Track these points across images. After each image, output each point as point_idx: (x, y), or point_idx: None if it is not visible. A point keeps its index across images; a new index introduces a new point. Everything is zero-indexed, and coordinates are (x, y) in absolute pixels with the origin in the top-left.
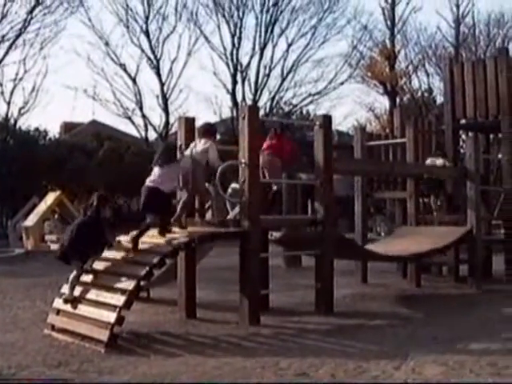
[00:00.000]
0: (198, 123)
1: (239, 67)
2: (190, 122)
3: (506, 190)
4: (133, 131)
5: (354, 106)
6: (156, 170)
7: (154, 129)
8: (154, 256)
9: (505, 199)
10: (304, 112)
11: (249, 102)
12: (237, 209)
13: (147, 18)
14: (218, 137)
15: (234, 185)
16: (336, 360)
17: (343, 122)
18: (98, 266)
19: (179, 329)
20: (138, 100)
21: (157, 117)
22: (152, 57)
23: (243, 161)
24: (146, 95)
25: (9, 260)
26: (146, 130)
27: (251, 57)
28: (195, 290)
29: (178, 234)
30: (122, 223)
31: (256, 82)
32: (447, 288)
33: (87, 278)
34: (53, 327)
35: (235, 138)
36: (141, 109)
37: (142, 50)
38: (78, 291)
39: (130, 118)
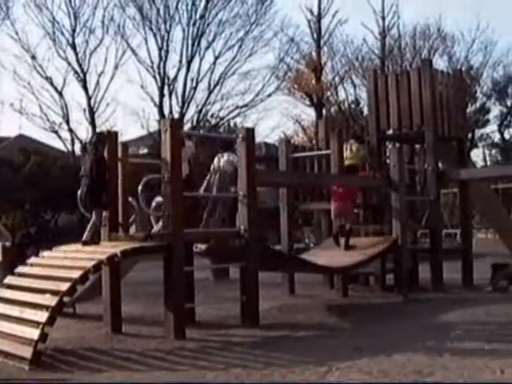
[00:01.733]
0: (125, 137)
1: (166, 80)
2: (113, 136)
3: (431, 199)
4: (60, 145)
5: (281, 118)
6: None
7: (81, 143)
8: (76, 271)
9: (431, 209)
10: (232, 125)
11: (176, 115)
12: (160, 223)
13: (74, 30)
14: (145, 150)
15: (157, 198)
16: (262, 371)
17: (271, 134)
18: (21, 282)
19: (105, 344)
20: (64, 113)
21: (84, 130)
22: (79, 70)
23: (165, 174)
24: (73, 109)
25: None
26: (73, 143)
27: (178, 70)
28: (120, 304)
29: (101, 249)
30: (49, 238)
31: (183, 95)
32: (374, 298)
33: (10, 294)
34: None
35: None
36: (67, 122)
37: (69, 64)
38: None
39: (56, 132)
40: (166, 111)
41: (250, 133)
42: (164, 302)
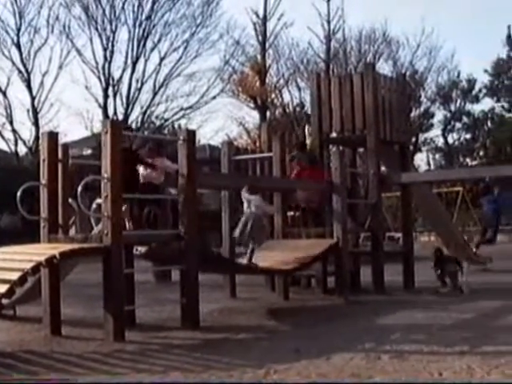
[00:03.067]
0: (69, 138)
1: (111, 81)
2: (51, 137)
3: (373, 202)
4: (2, 146)
5: (225, 121)
6: None
7: (24, 143)
8: (15, 273)
9: (373, 212)
10: (176, 126)
11: (120, 116)
12: (100, 225)
13: (19, 30)
14: (89, 151)
15: (98, 200)
16: (200, 375)
17: (215, 136)
18: None
19: (44, 347)
20: (8, 114)
21: (27, 131)
22: (23, 70)
23: (105, 175)
24: (17, 109)
25: None
26: (16, 144)
27: (123, 71)
28: (60, 306)
29: (39, 251)
30: None
31: (128, 96)
32: (315, 300)
33: None
34: None
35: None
36: (11, 123)
37: (13, 63)
38: None
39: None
40: (111, 112)
41: (191, 134)
42: (103, 304)
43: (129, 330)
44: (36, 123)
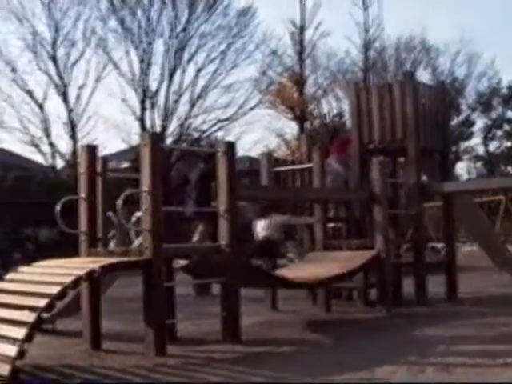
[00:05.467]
0: (107, 151)
1: (148, 93)
2: (90, 150)
3: (414, 213)
4: (40, 159)
5: (264, 132)
6: None
7: (62, 156)
8: (55, 287)
9: (414, 222)
10: (214, 138)
11: (158, 129)
12: (140, 238)
13: (54, 43)
14: (126, 164)
15: (137, 213)
16: None
17: (253, 147)
18: None
19: (84, 361)
20: (45, 127)
21: (64, 144)
22: (59, 83)
23: (145, 189)
24: (54, 122)
25: None
26: (53, 157)
27: (160, 83)
28: (100, 321)
29: (78, 264)
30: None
31: (165, 108)
32: (357, 313)
33: None
34: None
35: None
36: (48, 136)
37: (50, 76)
38: None
39: (37, 146)
40: (148, 125)
41: (230, 146)
42: (144, 318)
43: (170, 344)
44: (73, 136)
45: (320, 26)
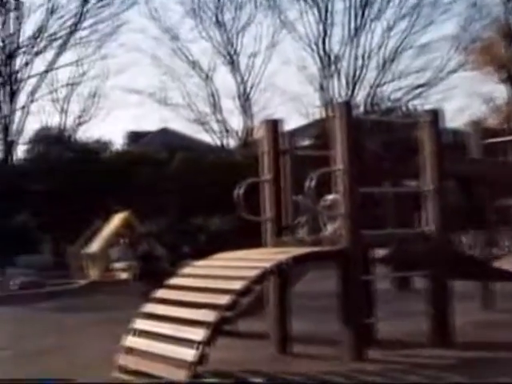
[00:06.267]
0: (286, 126)
1: (329, 59)
2: (273, 126)
3: None
4: (208, 139)
5: (467, 99)
6: None
7: (233, 135)
8: (238, 282)
9: None
10: (406, 108)
11: (342, 100)
12: (334, 224)
13: (219, 7)
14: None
15: (329, 196)
16: None
17: (455, 117)
18: (174, 295)
19: (270, 366)
20: (213, 103)
21: (235, 121)
22: (227, 52)
23: (339, 167)
24: (223, 97)
25: (71, 293)
26: (224, 136)
27: (343, 46)
28: (288, 321)
29: (264, 256)
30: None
31: (351, 76)
32: None
33: (162, 309)
34: (123, 369)
35: (327, 142)
36: (217, 112)
37: (215, 45)
38: (147, 325)
39: (204, 124)
40: (331, 95)
41: (435, 115)
42: (339, 317)
43: (368, 347)
44: (245, 111)
45: None
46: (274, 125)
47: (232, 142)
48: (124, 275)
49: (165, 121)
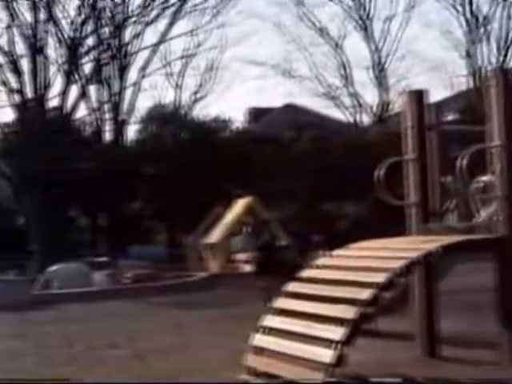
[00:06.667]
0: (429, 98)
1: (477, 21)
2: (417, 97)
3: None
4: (339, 115)
5: None
6: None
7: (367, 110)
8: (380, 274)
9: None
10: None
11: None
12: (489, 209)
13: None
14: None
15: (482, 177)
16: None
17: None
18: (304, 289)
19: (417, 371)
20: (343, 74)
21: (369, 94)
22: (359, 16)
23: (496, 143)
24: (355, 67)
25: (189, 287)
26: (357, 112)
27: (493, 5)
28: (436, 319)
29: (409, 245)
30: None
31: (503, 39)
32: None
33: (295, 304)
34: (252, 370)
35: (477, 116)
36: (348, 85)
37: (346, 9)
38: (278, 322)
39: (334, 99)
40: (479, 63)
41: None
42: (497, 316)
43: None
44: (381, 83)
45: None
46: (418, 96)
47: (366, 119)
48: (247, 267)
49: (290, 95)
